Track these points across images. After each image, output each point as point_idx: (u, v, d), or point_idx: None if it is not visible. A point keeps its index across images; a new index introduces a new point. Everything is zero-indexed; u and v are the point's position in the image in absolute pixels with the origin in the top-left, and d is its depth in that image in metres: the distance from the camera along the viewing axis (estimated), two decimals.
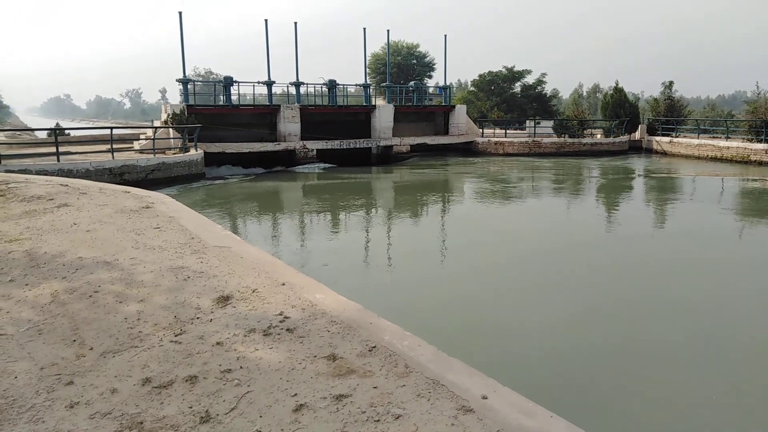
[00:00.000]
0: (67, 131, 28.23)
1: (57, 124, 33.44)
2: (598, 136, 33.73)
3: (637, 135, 33.51)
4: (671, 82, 34.80)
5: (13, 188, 8.71)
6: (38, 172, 15.17)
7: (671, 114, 33.41)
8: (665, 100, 34.46)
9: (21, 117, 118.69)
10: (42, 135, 32.31)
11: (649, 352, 6.42)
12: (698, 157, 28.12)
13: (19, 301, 4.01)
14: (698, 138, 29.42)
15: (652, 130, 33.11)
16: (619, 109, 33.47)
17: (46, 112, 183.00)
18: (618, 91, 34.36)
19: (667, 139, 31.04)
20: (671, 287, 8.74)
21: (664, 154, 30.75)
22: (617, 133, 32.92)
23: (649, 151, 32.09)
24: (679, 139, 30.27)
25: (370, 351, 3.18)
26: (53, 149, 17.78)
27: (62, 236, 5.75)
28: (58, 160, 17.09)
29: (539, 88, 47.61)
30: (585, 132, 33.54)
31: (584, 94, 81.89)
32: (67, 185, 9.18)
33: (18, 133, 34.21)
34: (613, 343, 6.64)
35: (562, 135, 32.62)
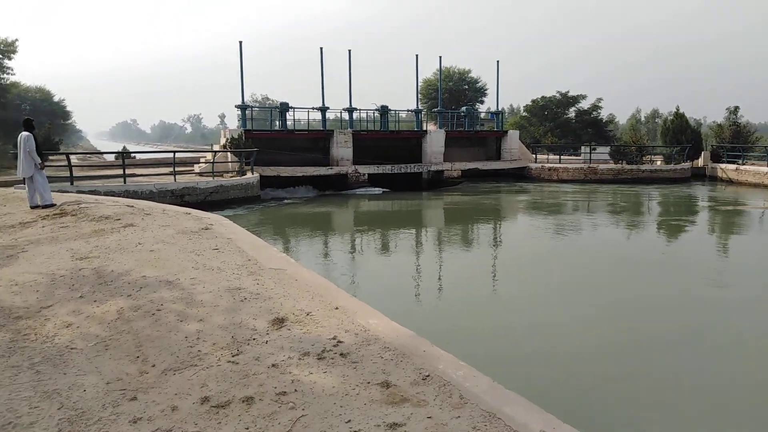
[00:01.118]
0: (133, 154, 29.77)
1: (124, 147, 35.36)
2: (658, 162, 32.60)
3: (700, 162, 32.17)
4: (736, 107, 33.43)
5: (84, 208, 9.21)
6: (106, 193, 16.01)
7: (737, 140, 31.95)
8: (730, 125, 33.05)
9: (91, 140, 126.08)
10: (110, 158, 34.16)
11: (719, 393, 6.05)
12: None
13: (88, 317, 4.21)
14: None
15: (716, 157, 31.73)
16: (681, 135, 32.30)
17: (114, 136, 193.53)
18: (679, 116, 33.23)
19: (732, 166, 29.64)
20: (734, 324, 8.25)
21: (730, 182, 29.34)
22: (678, 159, 31.71)
23: (713, 179, 30.69)
24: (747, 167, 28.83)
25: (423, 380, 3.15)
26: (120, 171, 18.75)
27: (128, 255, 6.02)
28: (125, 182, 18.00)
29: (595, 113, 46.68)
30: (644, 158, 32.49)
31: (642, 119, 79.57)
32: (132, 206, 9.63)
33: (88, 155, 36.35)
34: (679, 378, 6.30)
35: (620, 161, 31.70)
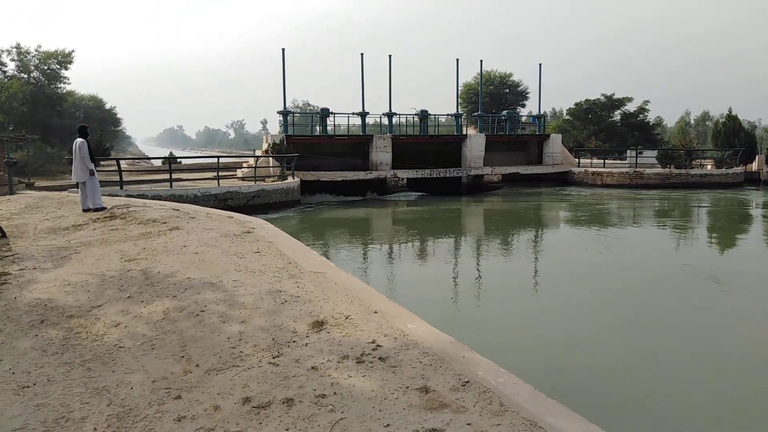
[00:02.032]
0: (179, 160, 30.67)
1: (170, 153, 36.46)
2: (709, 167, 31.41)
3: (754, 166, 30.81)
4: None
5: (133, 212, 9.54)
6: (153, 197, 16.54)
7: None
8: None
9: (140, 146, 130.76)
10: (158, 163, 35.32)
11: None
12: None
13: (136, 316, 4.34)
14: None
15: None
16: (733, 138, 31.06)
17: (161, 142, 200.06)
18: (731, 118, 31.98)
19: None
20: None
21: None
22: (731, 163, 30.47)
23: None
24: None
25: (463, 386, 3.11)
26: (167, 176, 19.36)
27: (173, 257, 6.19)
28: (171, 186, 18.57)
29: (641, 116, 45.37)
30: (693, 162, 31.34)
31: (692, 122, 76.82)
32: (178, 210, 9.91)
33: (137, 161, 37.65)
34: (727, 390, 6.03)
35: (668, 165, 30.68)
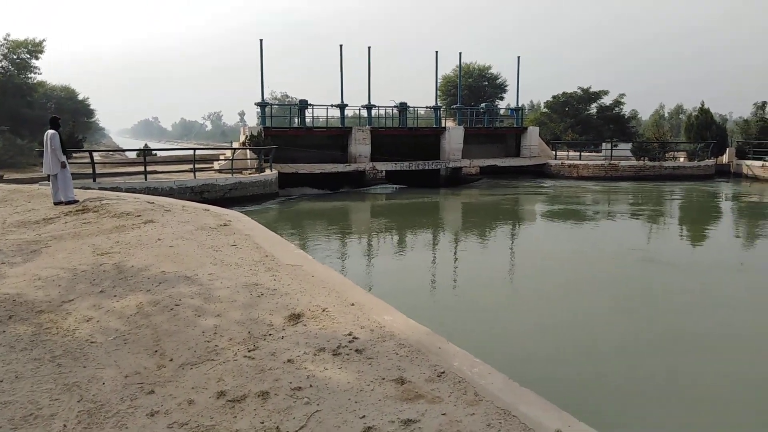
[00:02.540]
0: (154, 152, 30.16)
1: (145, 145, 35.83)
2: (681, 159, 32.02)
3: (724, 159, 31.51)
4: (764, 102, 32.69)
5: (106, 205, 9.36)
6: (127, 190, 16.25)
7: (764, 136, 31.22)
8: (757, 122, 32.30)
9: (114, 138, 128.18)
10: (132, 155, 34.70)
11: (730, 387, 5.93)
12: None
13: (108, 311, 4.27)
14: None
15: (741, 154, 31.04)
16: (705, 131, 31.68)
17: (136, 134, 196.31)
18: (704, 112, 32.60)
19: (759, 163, 28.99)
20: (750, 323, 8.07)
21: (756, 179, 28.70)
22: (702, 156, 31.11)
23: (738, 176, 30.05)
24: None
25: (438, 376, 3.14)
26: (141, 168, 19.02)
27: (148, 251, 6.10)
28: (146, 179, 18.25)
29: (617, 109, 45.96)
30: (667, 155, 31.92)
31: (666, 115, 78.14)
32: (153, 202, 9.76)
33: (111, 153, 36.93)
34: (695, 378, 6.19)
35: (642, 158, 31.19)
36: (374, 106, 29.93)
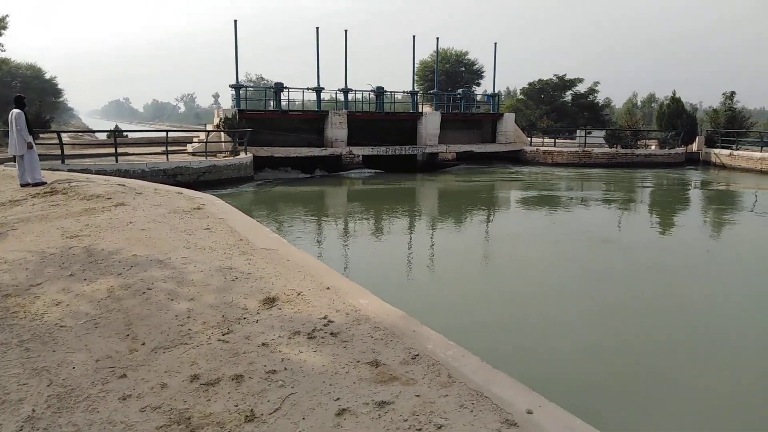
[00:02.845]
0: (125, 133, 29.48)
1: (116, 126, 35.00)
2: (653, 147, 32.62)
3: (694, 147, 32.21)
4: (732, 93, 33.35)
5: (75, 187, 9.14)
6: (98, 172, 15.87)
7: (732, 126, 31.97)
8: (726, 111, 33.02)
9: (83, 119, 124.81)
10: (102, 137, 33.84)
11: (707, 379, 6.14)
12: (761, 171, 26.78)
13: (78, 295, 4.19)
14: (761, 151, 28.01)
15: (710, 142, 31.77)
16: (676, 119, 32.27)
17: (106, 115, 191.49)
18: (675, 101, 33.17)
19: (726, 151, 29.72)
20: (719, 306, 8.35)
21: (723, 167, 29.44)
22: (673, 144, 31.74)
23: (707, 164, 30.79)
24: (740, 152, 28.92)
25: (413, 359, 3.17)
26: (112, 150, 18.59)
27: (119, 234, 5.99)
28: (117, 161, 17.85)
29: (591, 96, 46.53)
30: (639, 143, 32.48)
31: (639, 103, 79.37)
32: (124, 185, 9.57)
33: (80, 134, 35.99)
34: (664, 365, 6.38)
35: (614, 145, 31.69)
36: (351, 90, 29.70)
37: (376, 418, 2.57)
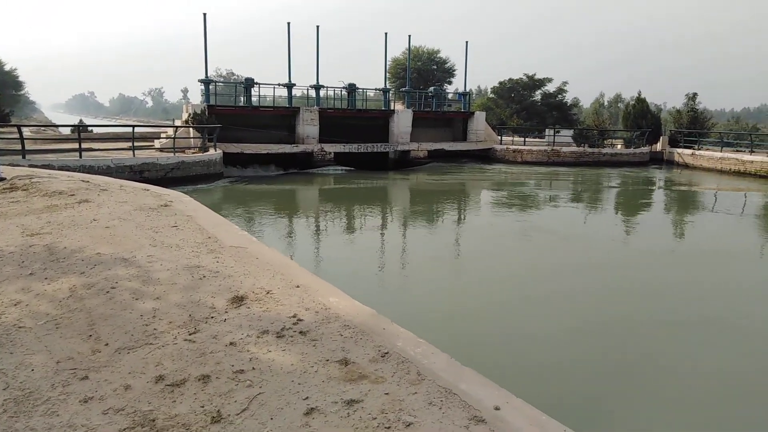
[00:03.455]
0: (90, 128, 28.72)
1: (80, 120, 34.07)
2: (619, 146, 33.37)
3: (658, 146, 33.07)
4: (695, 94, 34.34)
5: (36, 183, 8.86)
6: (61, 168, 15.42)
7: (694, 126, 32.94)
8: (688, 111, 33.98)
9: (46, 113, 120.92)
10: (66, 131, 32.91)
11: (662, 368, 6.31)
12: (721, 171, 27.66)
13: (38, 294, 4.06)
14: (721, 151, 28.94)
15: (674, 142, 32.67)
16: (641, 119, 33.07)
17: (70, 109, 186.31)
18: (640, 101, 33.98)
19: (689, 151, 30.61)
20: (679, 302, 8.59)
21: (686, 166, 30.32)
22: (638, 144, 32.53)
23: (671, 163, 31.65)
24: (702, 152, 29.82)
25: (382, 357, 3.17)
26: (76, 146, 18.09)
27: (82, 232, 5.83)
28: (81, 157, 17.38)
29: (560, 96, 47.33)
30: (605, 142, 33.19)
31: (605, 103, 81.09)
32: (88, 181, 9.31)
33: (43, 128, 34.89)
34: (625, 357, 6.54)
35: (582, 144, 32.31)
36: (323, 86, 29.55)
37: (344, 417, 2.56)
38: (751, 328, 7.60)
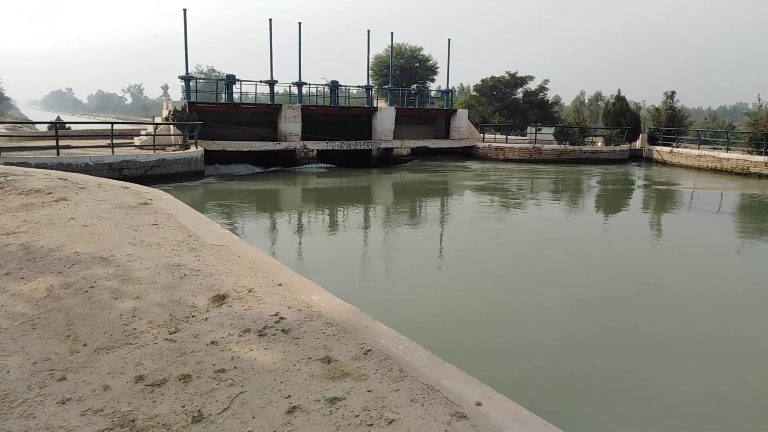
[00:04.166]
0: (67, 125, 28.23)
1: (58, 117, 33.46)
2: (599, 144, 33.77)
3: (637, 144, 33.54)
4: (673, 92, 34.88)
5: (12, 181, 8.68)
6: (37, 165, 15.13)
7: (672, 124, 33.45)
8: (667, 110, 34.50)
9: (22, 110, 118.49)
10: (43, 128, 32.29)
11: (639, 365, 6.41)
12: (698, 168, 28.15)
13: (14, 294, 3.99)
14: (699, 149, 29.45)
15: (652, 140, 33.15)
16: (621, 117, 33.51)
17: (47, 106, 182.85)
18: (620, 99, 34.41)
19: (667, 149, 31.08)
20: (657, 291, 8.74)
21: (664, 164, 30.79)
22: (618, 141, 32.95)
23: (650, 161, 32.12)
24: (680, 150, 30.31)
25: (365, 354, 3.17)
26: (53, 143, 17.77)
27: (59, 230, 5.73)
28: (58, 154, 17.08)
29: (541, 94, 47.74)
30: (586, 140, 33.56)
31: (586, 101, 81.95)
32: (66, 179, 9.15)
33: (18, 126, 34.20)
34: (608, 352, 6.63)
35: (563, 142, 32.64)
36: (305, 83, 29.41)
37: (327, 415, 2.56)
38: (733, 335, 7.76)
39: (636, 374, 6.10)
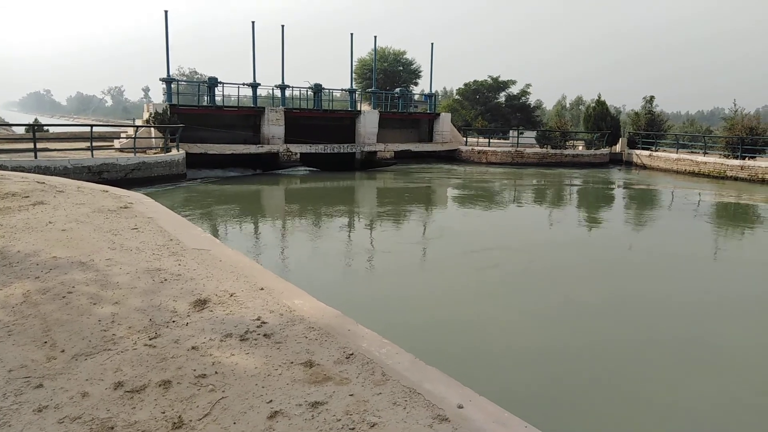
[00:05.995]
0: (45, 128, 27.77)
1: (36, 119, 32.88)
2: (580, 147, 34.16)
3: (617, 148, 33.99)
4: (652, 97, 35.38)
5: None
6: (14, 169, 14.86)
7: (652, 128, 33.97)
8: (646, 114, 35.01)
9: None
10: (20, 131, 31.68)
11: (620, 364, 6.50)
12: (677, 171, 28.61)
13: None
14: (677, 153, 29.94)
15: (632, 144, 33.62)
16: (601, 121, 33.93)
17: (25, 107, 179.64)
18: (600, 104, 34.86)
19: (646, 152, 31.55)
20: (638, 291, 8.87)
21: (644, 167, 31.24)
22: (599, 145, 33.36)
23: (629, 164, 32.57)
24: (659, 153, 30.79)
25: (347, 358, 3.17)
26: (31, 145, 17.47)
27: (37, 235, 5.63)
28: (36, 157, 16.79)
29: (523, 98, 48.17)
30: (567, 143, 33.93)
31: (567, 105, 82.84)
32: (43, 183, 9.00)
33: None
34: (585, 354, 6.70)
35: (545, 146, 32.96)
36: (288, 86, 29.31)
37: (309, 419, 2.55)
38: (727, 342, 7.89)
39: (619, 380, 6.18)
